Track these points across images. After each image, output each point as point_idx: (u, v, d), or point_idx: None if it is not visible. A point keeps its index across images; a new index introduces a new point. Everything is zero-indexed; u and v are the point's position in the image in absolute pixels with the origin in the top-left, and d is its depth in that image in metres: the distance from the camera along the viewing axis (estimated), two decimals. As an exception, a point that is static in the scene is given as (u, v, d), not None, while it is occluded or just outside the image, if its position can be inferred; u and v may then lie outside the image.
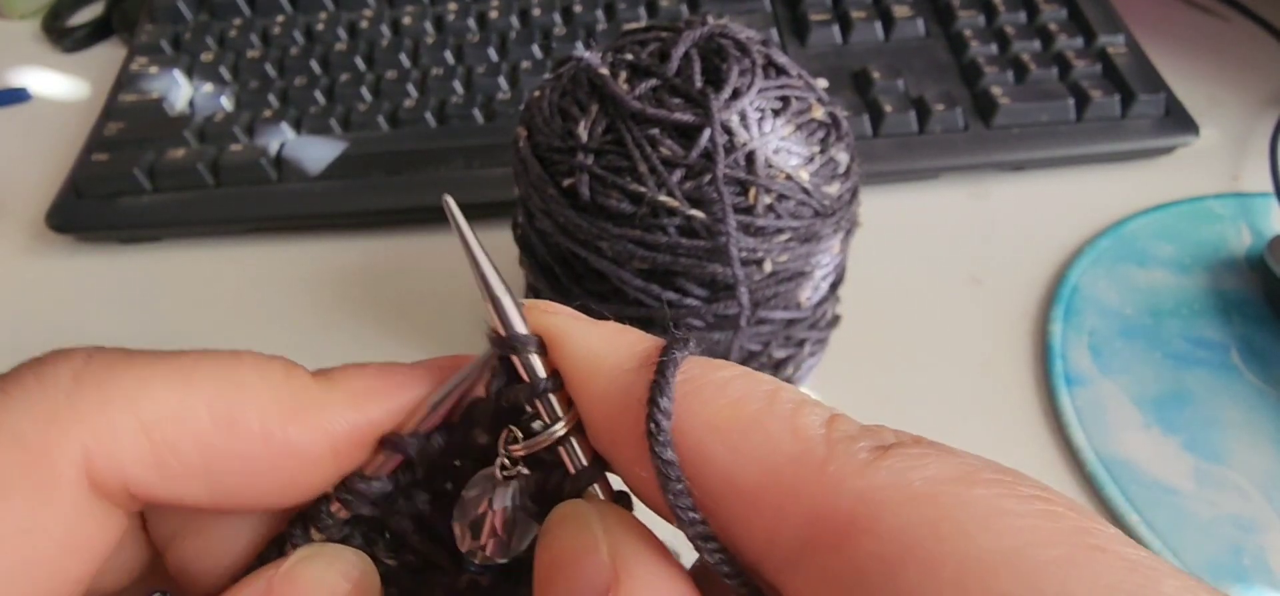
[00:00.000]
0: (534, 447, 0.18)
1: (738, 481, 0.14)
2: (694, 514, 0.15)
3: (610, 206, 0.33)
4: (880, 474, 0.13)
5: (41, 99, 0.66)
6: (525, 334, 0.18)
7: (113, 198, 0.54)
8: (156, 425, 0.16)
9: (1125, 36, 0.58)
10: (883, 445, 0.14)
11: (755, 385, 0.15)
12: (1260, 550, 0.38)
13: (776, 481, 0.14)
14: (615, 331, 0.17)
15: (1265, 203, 0.52)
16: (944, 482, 0.13)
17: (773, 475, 0.14)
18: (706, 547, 0.15)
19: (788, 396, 0.15)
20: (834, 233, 0.35)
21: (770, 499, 0.14)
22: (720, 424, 0.15)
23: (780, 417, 0.15)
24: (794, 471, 0.14)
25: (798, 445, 0.14)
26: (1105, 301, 0.47)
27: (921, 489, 0.13)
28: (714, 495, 0.15)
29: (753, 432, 0.15)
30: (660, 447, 0.15)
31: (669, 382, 0.15)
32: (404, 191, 0.53)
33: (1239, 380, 0.44)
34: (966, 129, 0.54)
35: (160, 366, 0.16)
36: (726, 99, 0.32)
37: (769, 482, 0.14)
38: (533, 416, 0.18)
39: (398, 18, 0.63)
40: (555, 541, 0.16)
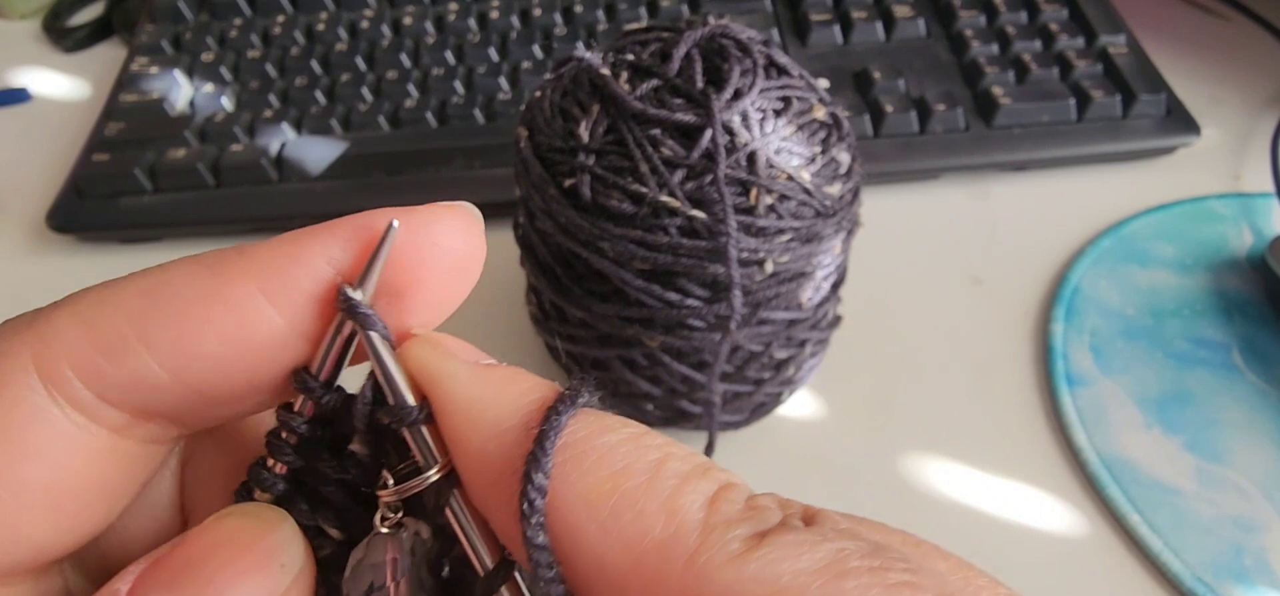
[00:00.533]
0: (405, 492, 0.17)
1: (606, 564, 0.14)
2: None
3: (611, 207, 0.32)
4: (749, 566, 0.13)
5: (42, 99, 0.66)
6: (406, 400, 0.17)
7: (113, 198, 0.54)
8: (87, 315, 0.16)
9: (1126, 36, 0.58)
10: (761, 531, 0.13)
11: (642, 453, 0.14)
12: (1261, 550, 0.38)
13: (642, 568, 0.13)
14: (505, 379, 0.16)
15: (1267, 203, 0.52)
16: (811, 575, 0.12)
17: (639, 561, 0.13)
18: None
19: (674, 469, 0.14)
20: (835, 233, 0.35)
21: (636, 586, 0.13)
22: (594, 499, 0.14)
23: (658, 495, 0.14)
24: (660, 560, 0.13)
25: (669, 529, 0.13)
26: (1106, 301, 0.47)
27: (789, 583, 0.12)
28: (584, 578, 0.14)
29: (625, 511, 0.14)
30: (532, 531, 0.14)
31: (547, 454, 0.14)
32: (405, 192, 0.53)
33: (1240, 380, 0.44)
34: (967, 129, 0.54)
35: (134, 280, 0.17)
36: (728, 99, 0.32)
37: (635, 568, 0.13)
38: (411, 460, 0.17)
39: (398, 18, 0.63)
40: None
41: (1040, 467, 0.41)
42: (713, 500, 0.14)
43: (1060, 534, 0.40)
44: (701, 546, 0.13)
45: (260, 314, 0.16)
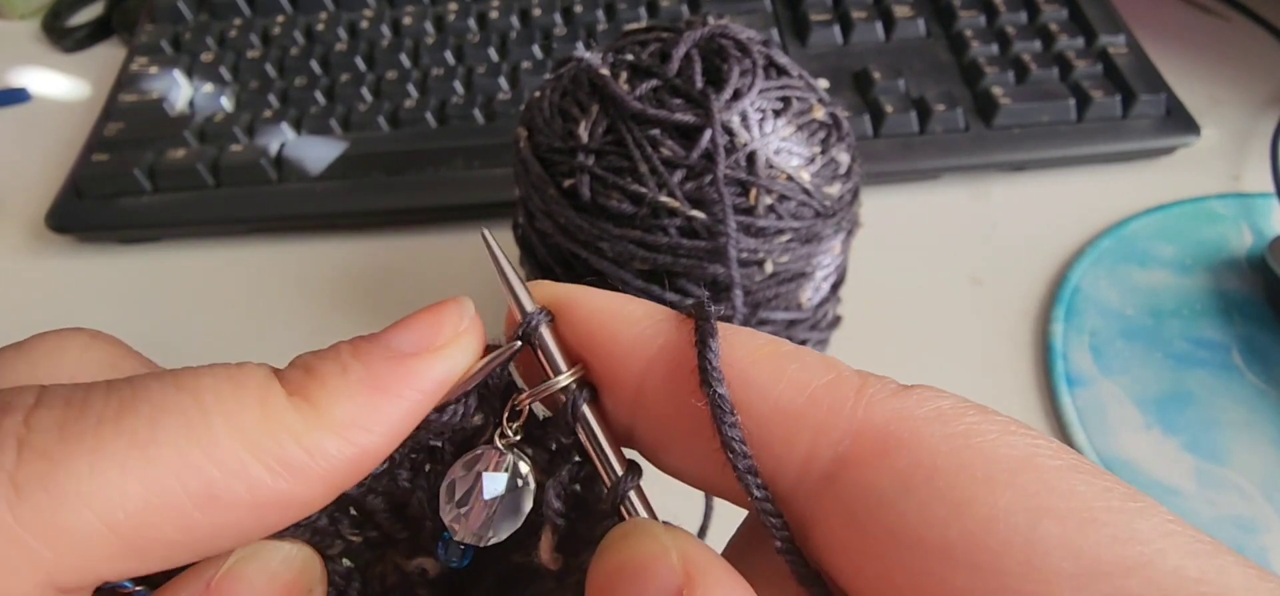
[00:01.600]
0: (538, 395, 0.18)
1: (782, 403, 0.16)
2: (745, 447, 0.16)
3: (611, 207, 0.32)
4: (910, 398, 0.15)
5: (42, 99, 0.66)
6: (534, 309, 0.18)
7: (113, 198, 0.54)
8: (127, 522, 0.14)
9: (1126, 37, 0.58)
10: (905, 385, 0.16)
11: (781, 339, 0.17)
12: (1262, 550, 0.38)
13: (817, 402, 0.16)
14: (633, 297, 0.18)
15: (1266, 203, 0.52)
16: (964, 407, 0.15)
17: (815, 397, 0.16)
18: (753, 482, 0.16)
19: (813, 350, 0.17)
20: (835, 233, 0.35)
21: (813, 418, 0.15)
22: (762, 356, 0.16)
23: (814, 354, 0.16)
24: (834, 393, 0.16)
25: (831, 374, 0.16)
26: (1106, 302, 0.47)
27: (949, 410, 0.15)
28: (759, 420, 0.16)
29: (793, 361, 0.16)
30: (716, 381, 0.16)
31: (715, 326, 0.16)
32: (404, 191, 0.53)
33: (1240, 381, 0.44)
34: (967, 129, 0.54)
35: (114, 439, 0.14)
36: (727, 99, 0.32)
37: (812, 403, 0.16)
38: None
39: (398, 18, 0.63)
40: (620, 551, 0.16)
41: (1040, 468, 0.41)
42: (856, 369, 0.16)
43: (1060, 534, 0.40)
44: (864, 385, 0.16)
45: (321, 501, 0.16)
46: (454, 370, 0.17)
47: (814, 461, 0.15)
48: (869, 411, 0.15)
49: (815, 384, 0.16)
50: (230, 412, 0.15)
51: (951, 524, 0.14)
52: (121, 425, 0.14)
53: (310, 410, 0.16)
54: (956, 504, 0.14)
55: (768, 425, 0.16)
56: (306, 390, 0.16)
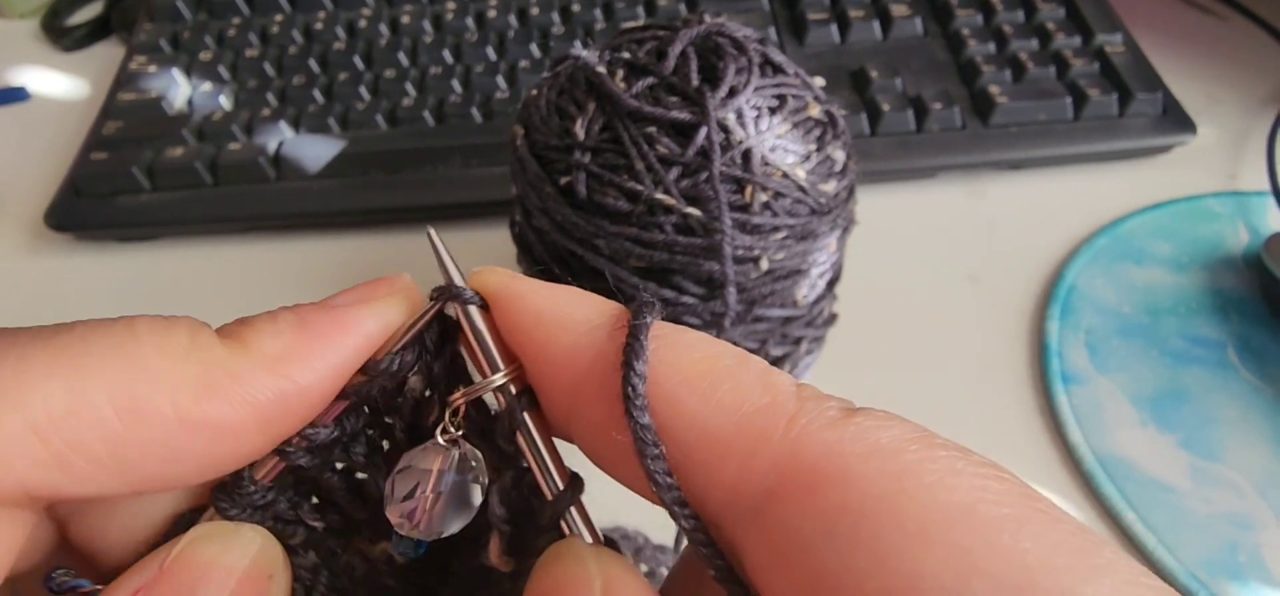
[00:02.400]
0: (474, 394, 0.18)
1: (708, 430, 0.15)
2: (670, 479, 0.15)
3: (607, 204, 0.33)
4: (848, 429, 0.14)
5: (41, 98, 0.66)
6: (464, 287, 0.17)
7: (111, 196, 0.54)
8: (50, 425, 0.14)
9: (1123, 35, 0.58)
10: (849, 408, 0.15)
11: (725, 346, 0.16)
12: (1256, 547, 0.38)
13: (746, 429, 0.14)
14: (577, 293, 0.17)
15: (1262, 201, 0.52)
16: (907, 442, 0.14)
17: (743, 423, 0.14)
18: (681, 513, 0.15)
19: (757, 360, 0.16)
20: (831, 231, 0.35)
21: (740, 446, 0.14)
22: (693, 375, 0.15)
23: (752, 372, 0.15)
24: (765, 420, 0.14)
25: (768, 396, 0.15)
26: (1102, 300, 0.47)
27: (887, 445, 0.14)
28: (684, 447, 0.15)
29: (725, 382, 0.15)
30: (638, 412, 0.15)
31: (643, 345, 0.15)
32: (402, 190, 0.53)
33: (1236, 378, 0.44)
34: (964, 128, 0.54)
35: (43, 351, 0.15)
36: (723, 97, 0.32)
37: (739, 430, 0.14)
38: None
39: (396, 17, 0.63)
40: (548, 574, 0.16)
41: (1035, 465, 0.42)
42: (799, 384, 0.15)
43: (1055, 531, 0.40)
44: (800, 410, 0.14)
45: (250, 440, 0.16)
46: (384, 323, 0.17)
47: (740, 492, 0.14)
48: (799, 443, 0.14)
49: (746, 408, 0.14)
50: (159, 340, 0.15)
51: (872, 577, 0.12)
52: (52, 341, 0.15)
53: (238, 345, 0.16)
54: (880, 556, 0.13)
55: (693, 452, 0.15)
56: (237, 332, 0.16)
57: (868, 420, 0.14)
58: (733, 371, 0.15)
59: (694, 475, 0.15)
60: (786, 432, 0.14)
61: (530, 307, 0.17)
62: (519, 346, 0.17)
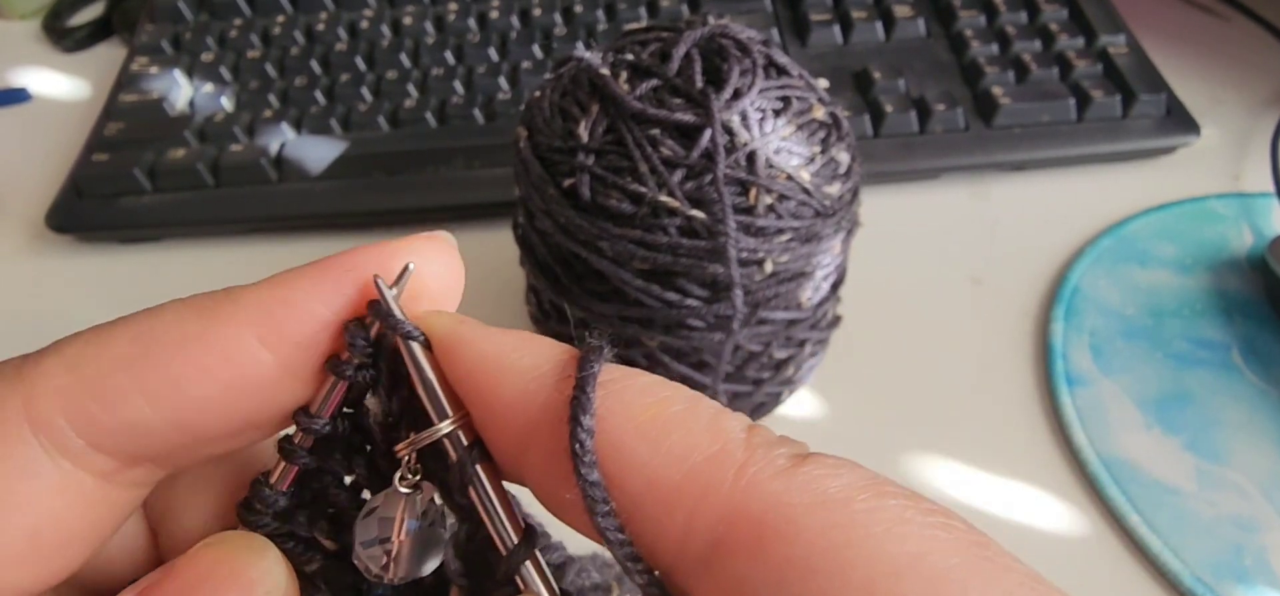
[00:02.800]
0: (419, 442, 0.17)
1: (657, 480, 0.14)
2: (621, 535, 0.15)
3: (611, 207, 0.32)
4: (796, 479, 0.14)
5: (42, 99, 0.66)
6: (403, 320, 0.17)
7: (113, 198, 0.54)
8: (77, 362, 0.16)
9: (1126, 36, 0.58)
10: (800, 454, 0.14)
11: (676, 390, 0.16)
12: (1261, 550, 0.38)
13: (694, 479, 0.14)
14: (525, 338, 0.17)
15: (1266, 202, 0.52)
16: (855, 491, 0.13)
17: (692, 473, 0.14)
18: (634, 568, 0.15)
19: (708, 403, 0.15)
20: (835, 233, 0.35)
21: (687, 496, 0.14)
22: (642, 422, 0.15)
23: (702, 419, 0.15)
24: (712, 470, 0.14)
25: (717, 444, 0.14)
26: (1106, 301, 0.47)
27: (835, 495, 0.13)
28: (634, 498, 0.15)
29: (674, 430, 0.15)
30: (585, 470, 0.15)
31: (590, 398, 0.15)
32: (404, 191, 0.53)
33: (1240, 380, 0.44)
34: (967, 129, 0.54)
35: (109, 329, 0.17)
36: (727, 99, 0.32)
37: (688, 480, 0.14)
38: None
39: (398, 18, 0.63)
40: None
41: (1040, 467, 0.41)
42: (751, 429, 0.15)
43: (1060, 534, 0.40)
44: (749, 460, 0.14)
45: (253, 356, 0.16)
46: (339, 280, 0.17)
47: (689, 544, 0.14)
48: (747, 494, 0.14)
49: (695, 458, 0.14)
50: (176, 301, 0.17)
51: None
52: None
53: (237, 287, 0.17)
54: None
55: (643, 504, 0.15)
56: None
57: (817, 469, 0.14)
58: (682, 418, 0.15)
59: (645, 526, 0.15)
60: (735, 483, 0.14)
61: (475, 354, 0.17)
62: (465, 394, 0.17)
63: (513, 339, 0.17)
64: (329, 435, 0.18)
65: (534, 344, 0.17)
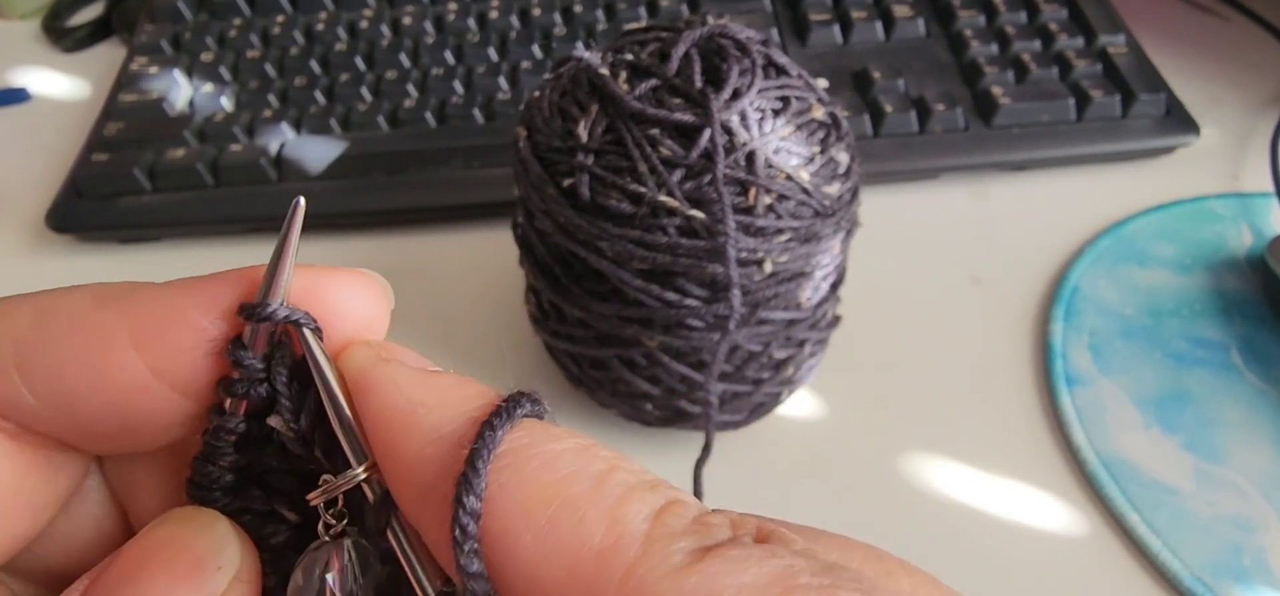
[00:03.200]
0: (331, 492, 0.16)
1: (539, 577, 0.13)
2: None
3: (610, 206, 0.32)
4: (690, 579, 0.12)
5: (41, 99, 0.66)
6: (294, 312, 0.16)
7: (113, 198, 0.54)
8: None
9: (1126, 36, 0.58)
10: (706, 546, 0.13)
11: (588, 463, 0.14)
12: (1260, 550, 0.38)
13: (575, 579, 0.13)
14: (448, 385, 0.16)
15: (1266, 202, 0.52)
16: (753, 591, 0.12)
17: (573, 571, 0.13)
18: None
19: (620, 480, 0.14)
20: (834, 233, 0.35)
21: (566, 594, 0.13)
22: (532, 508, 0.13)
23: (602, 503, 0.13)
24: (596, 569, 0.13)
25: (609, 538, 0.13)
26: (1106, 301, 0.47)
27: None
28: (516, 589, 0.13)
29: (565, 519, 0.13)
30: (465, 559, 0.13)
31: (479, 474, 0.14)
32: (404, 191, 0.53)
33: (1239, 380, 0.44)
34: (967, 129, 0.54)
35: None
36: (727, 99, 0.32)
37: (569, 580, 0.13)
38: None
39: (398, 18, 0.63)
40: None
41: (1039, 467, 0.42)
42: (659, 513, 0.13)
43: (1059, 534, 0.40)
44: (642, 557, 0.13)
45: (125, 361, 0.16)
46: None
47: None
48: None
49: (583, 552, 0.13)
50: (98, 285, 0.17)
51: None
52: None
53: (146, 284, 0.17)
54: None
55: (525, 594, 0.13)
56: None
57: (717, 565, 0.12)
58: (578, 502, 0.13)
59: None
60: (621, 586, 0.12)
61: (381, 403, 0.15)
62: (371, 442, 0.16)
63: (428, 389, 0.15)
64: (255, 434, 0.17)
65: (449, 395, 0.15)
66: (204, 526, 0.16)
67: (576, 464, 0.14)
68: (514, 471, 0.14)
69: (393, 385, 0.16)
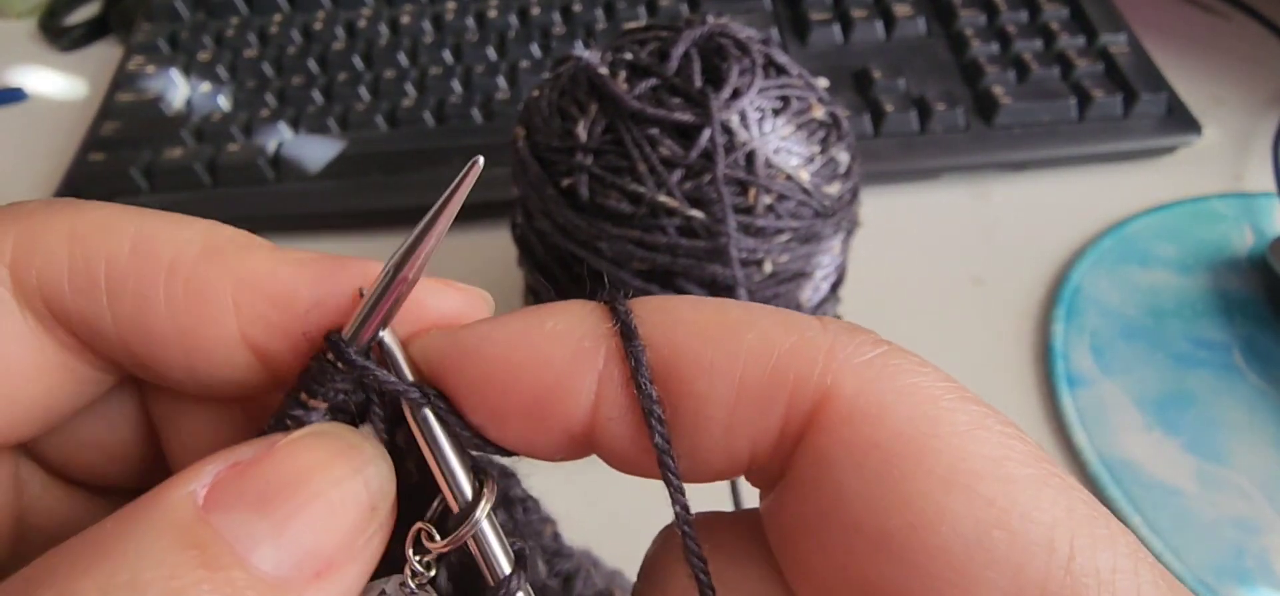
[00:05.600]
0: (458, 541, 0.16)
1: (747, 379, 0.14)
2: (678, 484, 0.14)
3: (609, 207, 0.32)
4: (886, 367, 0.14)
5: (38, 98, 0.66)
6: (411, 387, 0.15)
7: (110, 197, 0.53)
8: (79, 235, 0.15)
9: (1127, 35, 0.57)
10: (881, 341, 0.14)
11: (725, 300, 0.15)
12: (1263, 551, 0.38)
13: (783, 372, 0.14)
14: (531, 316, 0.16)
15: (1268, 202, 0.52)
16: (942, 389, 0.14)
17: (779, 366, 0.14)
18: (680, 497, 0.15)
19: (760, 305, 0.15)
20: (834, 233, 0.35)
21: (780, 390, 0.14)
22: (707, 328, 0.15)
23: (769, 314, 0.15)
24: (797, 359, 0.14)
25: (795, 334, 0.14)
26: (1107, 302, 0.47)
27: (924, 388, 0.14)
28: (722, 404, 0.14)
29: (749, 330, 0.14)
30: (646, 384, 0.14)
31: (632, 327, 0.14)
32: (402, 191, 0.53)
33: (1241, 381, 0.43)
34: (968, 128, 0.53)
35: (112, 204, 0.16)
36: (726, 99, 0.32)
37: (776, 373, 0.14)
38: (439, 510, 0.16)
39: (396, 17, 0.63)
40: None
41: (1041, 469, 0.41)
42: (820, 317, 0.15)
43: (1061, 535, 0.39)
44: (835, 344, 0.14)
45: (219, 320, 0.16)
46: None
47: (786, 435, 0.14)
48: (838, 378, 0.14)
49: (778, 351, 0.14)
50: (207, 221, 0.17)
51: (895, 514, 0.13)
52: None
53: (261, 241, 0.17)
54: (905, 495, 0.13)
55: (737, 408, 0.14)
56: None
57: (902, 360, 0.14)
58: (750, 319, 0.15)
59: (740, 430, 0.14)
60: (826, 366, 0.14)
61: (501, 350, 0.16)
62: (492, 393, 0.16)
63: (520, 321, 0.16)
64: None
65: (545, 310, 0.16)
66: (357, 444, 0.16)
67: (719, 301, 0.15)
68: (666, 312, 0.15)
69: (493, 330, 0.16)
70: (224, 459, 0.14)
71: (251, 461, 0.14)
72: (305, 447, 0.15)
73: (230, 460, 0.14)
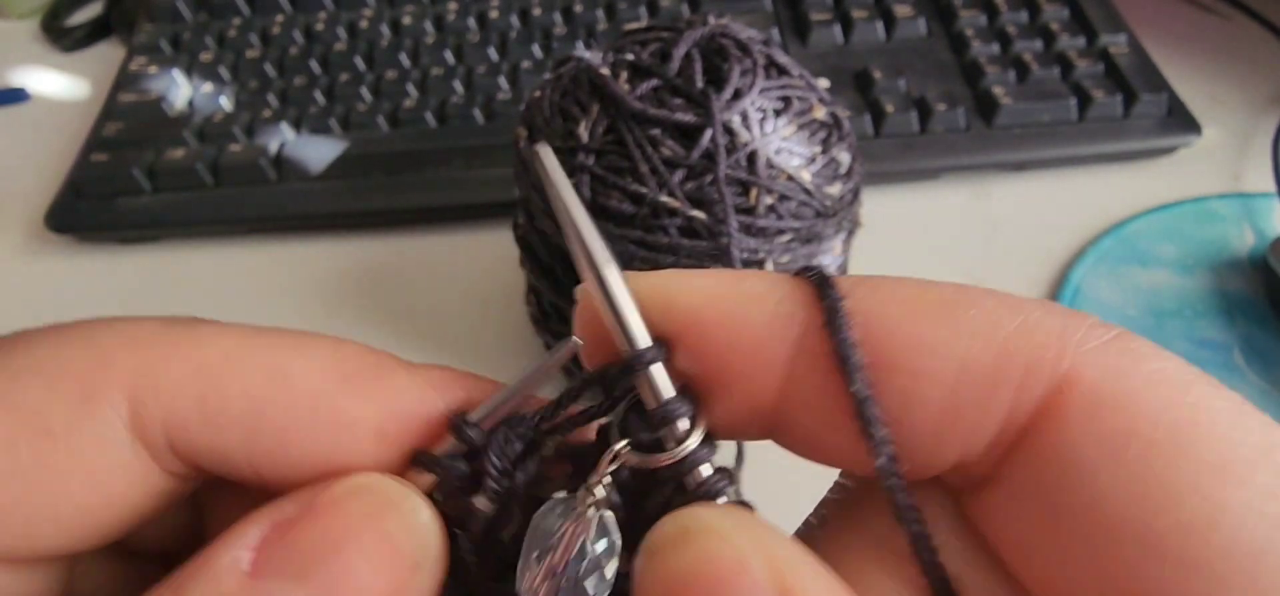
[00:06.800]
0: (661, 463, 0.15)
1: (969, 360, 0.13)
2: (897, 476, 0.13)
3: (611, 207, 0.32)
4: (1127, 354, 0.13)
5: (40, 99, 0.66)
6: (648, 347, 0.15)
7: (112, 198, 0.54)
8: (209, 368, 0.15)
9: (1127, 36, 0.58)
10: (1111, 326, 0.13)
11: (927, 281, 0.14)
12: (1263, 552, 0.38)
13: (1011, 355, 0.13)
14: (728, 275, 0.15)
15: (1268, 203, 0.52)
16: (1191, 375, 0.13)
17: (1006, 348, 0.13)
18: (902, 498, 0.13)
19: (965, 286, 0.14)
20: (836, 233, 0.35)
21: (1008, 374, 0.13)
22: (920, 303, 0.13)
23: (987, 293, 0.13)
24: (1030, 342, 0.13)
25: (1020, 315, 0.13)
26: (1107, 302, 0.47)
27: (1174, 376, 0.13)
28: (943, 385, 0.13)
29: (969, 308, 0.13)
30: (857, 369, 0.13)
31: (837, 299, 0.13)
32: (404, 191, 0.53)
33: (1242, 381, 0.43)
34: (968, 129, 0.53)
35: (227, 326, 0.16)
36: (728, 99, 0.32)
37: (1003, 356, 0.13)
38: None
39: (397, 17, 0.63)
40: (681, 561, 0.13)
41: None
42: (1042, 300, 0.14)
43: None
44: (1067, 330, 0.13)
45: (362, 451, 0.16)
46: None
47: (1011, 423, 0.13)
48: (1077, 363, 0.13)
49: (1005, 331, 0.13)
50: (329, 338, 0.17)
51: (1163, 512, 0.12)
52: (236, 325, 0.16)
53: (392, 359, 0.17)
54: (1173, 490, 0.12)
55: (957, 390, 0.13)
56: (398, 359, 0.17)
57: (1141, 345, 0.13)
58: (966, 298, 0.13)
59: (960, 415, 0.13)
60: (1062, 351, 0.13)
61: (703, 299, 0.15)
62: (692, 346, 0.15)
63: (725, 279, 0.15)
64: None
65: (748, 279, 0.15)
66: (402, 498, 0.16)
67: (922, 280, 0.14)
68: (874, 293, 0.14)
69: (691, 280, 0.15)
70: (268, 518, 0.14)
71: (293, 521, 0.15)
72: (345, 507, 0.15)
73: (273, 520, 0.14)
